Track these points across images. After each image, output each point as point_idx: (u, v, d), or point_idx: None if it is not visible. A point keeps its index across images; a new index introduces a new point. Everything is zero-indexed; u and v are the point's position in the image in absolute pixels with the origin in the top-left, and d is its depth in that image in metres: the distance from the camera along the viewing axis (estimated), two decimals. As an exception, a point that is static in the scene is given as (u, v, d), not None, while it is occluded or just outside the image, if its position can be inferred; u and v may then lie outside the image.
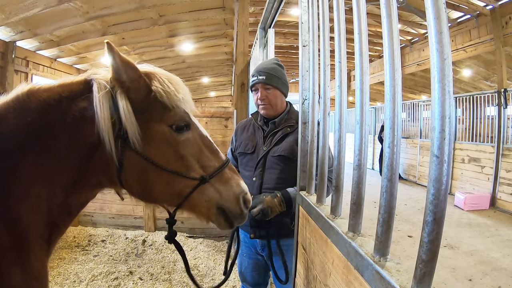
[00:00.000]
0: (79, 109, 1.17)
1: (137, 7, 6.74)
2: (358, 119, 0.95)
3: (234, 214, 1.35)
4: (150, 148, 1.23)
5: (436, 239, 0.63)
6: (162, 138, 1.26)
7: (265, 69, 2.18)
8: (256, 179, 2.18)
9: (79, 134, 1.18)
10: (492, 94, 8.47)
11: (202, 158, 1.33)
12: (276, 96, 2.19)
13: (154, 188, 1.27)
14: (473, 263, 4.77)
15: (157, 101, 1.24)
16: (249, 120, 2.48)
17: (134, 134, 1.19)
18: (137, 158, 1.21)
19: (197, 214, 1.36)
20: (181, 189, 1.27)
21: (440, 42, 0.64)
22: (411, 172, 11.51)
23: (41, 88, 1.19)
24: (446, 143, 0.61)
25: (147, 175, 1.24)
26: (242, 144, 2.34)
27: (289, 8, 10.06)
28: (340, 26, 1.13)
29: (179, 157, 1.27)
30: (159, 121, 1.26)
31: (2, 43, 7.21)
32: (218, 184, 1.33)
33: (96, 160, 1.20)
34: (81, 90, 1.21)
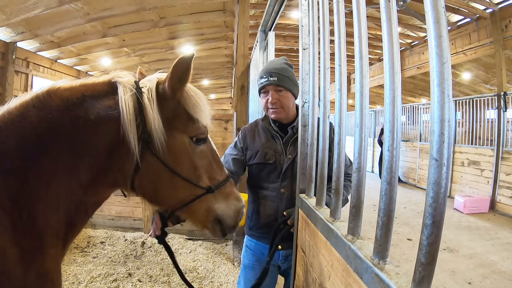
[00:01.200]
0: (104, 107, 1.20)
1: (138, 9, 6.76)
2: (357, 122, 0.95)
3: (229, 226, 1.43)
4: (169, 155, 1.27)
5: (435, 242, 0.63)
6: (182, 147, 1.32)
7: (276, 69, 2.01)
8: (285, 190, 2.02)
9: (101, 132, 1.20)
10: (492, 97, 8.49)
11: (210, 170, 1.40)
12: (288, 99, 2.03)
13: (165, 192, 1.33)
14: (472, 266, 4.77)
15: (185, 112, 1.31)
16: (255, 125, 2.27)
17: (160, 139, 1.23)
18: (156, 162, 1.26)
19: (194, 220, 1.43)
20: (187, 196, 1.33)
21: (440, 46, 0.64)
22: (411, 175, 11.51)
23: (61, 87, 1.21)
24: (445, 147, 0.61)
25: (162, 179, 1.29)
26: (260, 154, 2.12)
27: (289, 11, 10.08)
28: (340, 29, 1.13)
29: (193, 167, 1.34)
30: (182, 131, 1.32)
31: (3, 43, 7.23)
32: (220, 196, 1.40)
33: (115, 159, 1.23)
34: (105, 90, 1.24)
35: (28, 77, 8.31)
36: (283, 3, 2.84)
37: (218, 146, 2.29)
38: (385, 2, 0.81)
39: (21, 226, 1.09)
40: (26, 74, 8.24)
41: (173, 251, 1.63)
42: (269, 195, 2.08)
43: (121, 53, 9.85)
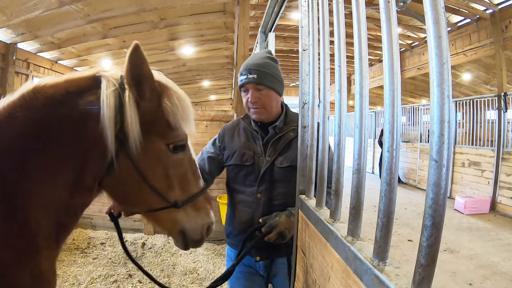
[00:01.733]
0: (85, 103, 1.15)
1: (138, 10, 6.77)
2: (357, 123, 0.95)
3: (193, 239, 1.37)
4: (143, 159, 1.21)
5: (435, 244, 0.63)
6: (157, 154, 1.26)
7: (256, 65, 1.84)
8: (261, 196, 1.87)
9: (84, 129, 1.15)
10: (492, 98, 8.48)
11: (184, 181, 1.34)
12: (270, 98, 1.87)
13: (133, 196, 1.28)
14: (473, 267, 4.76)
15: (163, 117, 1.24)
16: (237, 123, 2.11)
17: (135, 141, 1.17)
18: (129, 164, 1.20)
19: (159, 227, 1.37)
20: (153, 205, 1.27)
21: (439, 46, 0.64)
22: (411, 176, 11.51)
23: (47, 85, 1.17)
24: (445, 148, 0.61)
25: (132, 183, 1.23)
26: (237, 154, 1.95)
27: (289, 12, 10.10)
28: (340, 30, 1.13)
29: (165, 176, 1.28)
30: (159, 137, 1.26)
31: (3, 44, 7.24)
32: (190, 210, 1.34)
33: (95, 155, 1.18)
34: (88, 85, 1.18)
35: (29, 78, 8.32)
36: (283, 4, 2.84)
37: None
38: (384, 3, 0.81)
39: (15, 228, 1.07)
40: (26, 75, 8.25)
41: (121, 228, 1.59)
42: (245, 200, 1.93)
43: (121, 54, 9.85)
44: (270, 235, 1.66)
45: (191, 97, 18.87)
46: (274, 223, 1.68)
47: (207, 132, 5.61)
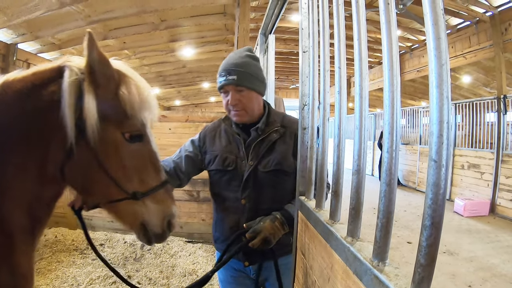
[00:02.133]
0: (49, 93, 1.17)
1: (139, 12, 6.77)
2: (357, 125, 0.95)
3: (155, 233, 1.36)
4: (101, 148, 1.21)
5: (434, 244, 0.63)
6: (113, 143, 1.25)
7: (235, 65, 1.76)
8: (246, 201, 1.79)
9: (47, 118, 1.17)
10: (492, 101, 8.49)
11: (144, 173, 1.33)
12: (251, 99, 1.78)
13: (92, 185, 1.27)
14: (472, 269, 4.76)
15: (120, 105, 1.24)
16: (218, 124, 2.00)
17: (92, 128, 1.17)
18: (87, 152, 1.20)
19: (120, 221, 1.36)
20: (112, 196, 1.27)
21: (438, 48, 0.65)
22: (411, 179, 11.51)
23: (16, 79, 1.19)
24: (444, 148, 0.62)
25: (90, 172, 1.23)
26: (218, 159, 1.86)
27: (289, 14, 10.12)
28: (340, 32, 1.13)
29: (122, 166, 1.27)
30: (116, 126, 1.25)
31: (4, 45, 7.23)
32: (150, 203, 1.32)
33: (54, 146, 1.19)
34: (53, 76, 1.20)
35: (29, 79, 8.32)
36: (284, 6, 2.85)
37: None
38: (384, 5, 0.81)
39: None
40: (26, 76, 8.25)
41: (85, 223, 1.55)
42: (230, 206, 1.86)
43: (121, 56, 9.86)
44: (254, 241, 1.61)
45: (191, 98, 18.92)
46: (258, 228, 1.63)
47: (207, 134, 5.61)
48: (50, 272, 4.17)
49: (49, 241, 5.18)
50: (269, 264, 1.78)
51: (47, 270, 4.22)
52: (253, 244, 1.61)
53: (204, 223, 5.69)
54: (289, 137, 1.82)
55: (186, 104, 23.91)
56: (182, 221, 5.71)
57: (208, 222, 5.68)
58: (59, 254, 4.72)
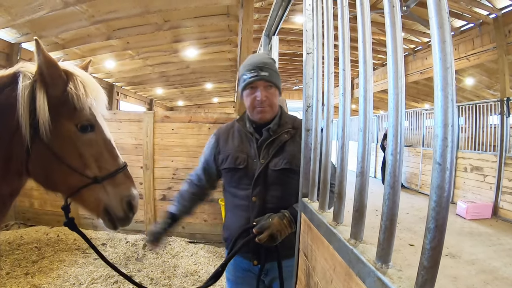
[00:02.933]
0: (6, 97, 1.28)
1: (142, 12, 6.80)
2: (361, 127, 0.95)
3: (117, 216, 1.46)
4: (56, 141, 1.33)
5: (438, 246, 0.63)
6: (68, 135, 1.37)
7: (265, 64, 1.82)
8: (256, 199, 1.83)
9: (5, 121, 1.28)
10: (495, 103, 8.47)
11: (100, 159, 1.43)
12: (276, 97, 1.87)
13: (54, 177, 1.38)
14: (474, 272, 4.74)
15: (69, 100, 1.37)
16: (231, 125, 2.08)
17: (44, 125, 1.29)
18: (43, 148, 1.31)
19: (87, 208, 1.46)
20: (75, 183, 1.38)
21: (443, 51, 0.65)
22: (413, 181, 11.48)
23: None
24: (449, 151, 0.62)
25: (50, 165, 1.35)
26: (231, 158, 1.92)
27: (293, 15, 10.12)
28: (345, 34, 1.14)
29: (79, 155, 1.38)
30: (68, 119, 1.37)
31: (7, 44, 7.26)
32: (109, 187, 1.43)
33: (14, 145, 1.31)
34: (9, 81, 1.32)
35: (32, 78, 8.35)
36: (287, 7, 2.85)
37: None
38: (389, 8, 0.81)
39: None
40: (30, 76, 8.28)
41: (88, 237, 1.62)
42: (241, 204, 1.90)
43: (125, 56, 9.89)
44: (260, 236, 1.64)
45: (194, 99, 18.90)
46: (266, 224, 1.66)
47: (210, 135, 5.58)
48: (52, 271, 4.18)
49: (51, 240, 5.20)
50: (271, 265, 1.81)
51: (49, 269, 4.23)
52: (259, 239, 1.64)
53: (206, 223, 5.70)
54: (299, 138, 1.80)
55: (189, 105, 23.94)
56: (184, 221, 5.72)
57: (210, 223, 5.68)
58: (61, 253, 4.73)
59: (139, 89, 16.22)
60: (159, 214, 5.75)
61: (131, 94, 16.17)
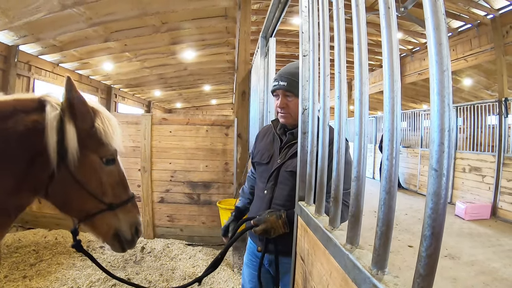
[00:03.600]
0: (32, 121, 1.36)
1: (140, 14, 6.79)
2: (357, 131, 0.94)
3: (126, 239, 1.61)
4: (80, 170, 1.45)
5: (434, 254, 0.62)
6: (92, 165, 1.50)
7: (288, 73, 1.99)
8: (267, 192, 2.05)
9: (28, 142, 1.36)
10: (493, 103, 8.47)
11: (116, 188, 1.59)
12: (296, 105, 1.92)
13: (72, 202, 1.49)
14: (473, 273, 4.73)
15: (96, 135, 1.50)
16: (270, 126, 2.29)
17: (73, 155, 1.40)
18: (67, 174, 1.42)
19: (96, 232, 1.59)
20: (92, 209, 1.50)
21: (440, 54, 0.64)
22: (412, 182, 11.48)
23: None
24: (445, 157, 0.61)
25: (71, 191, 1.45)
26: (259, 153, 2.20)
27: (290, 17, 10.11)
28: (340, 37, 1.13)
29: (99, 183, 1.52)
30: (93, 151, 1.50)
31: (5, 47, 7.25)
32: (121, 214, 1.58)
33: (36, 167, 1.39)
34: (34, 106, 1.40)
35: (30, 80, 8.33)
36: (284, 9, 2.85)
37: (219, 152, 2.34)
38: (385, 9, 0.80)
39: None
40: (28, 78, 8.26)
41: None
42: (257, 194, 2.17)
43: (123, 58, 9.88)
44: (256, 228, 1.83)
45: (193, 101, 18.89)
46: (263, 219, 1.83)
47: (207, 137, 5.61)
48: (50, 274, 4.15)
49: (49, 243, 5.17)
50: (282, 260, 1.95)
51: (47, 272, 4.21)
52: (255, 230, 1.84)
53: (204, 226, 5.68)
54: None
55: (187, 107, 23.93)
56: (182, 224, 5.71)
57: (208, 225, 5.67)
58: (59, 256, 4.70)
59: (137, 91, 16.20)
60: (157, 217, 5.74)
61: (129, 96, 16.16)
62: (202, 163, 5.62)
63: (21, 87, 8.04)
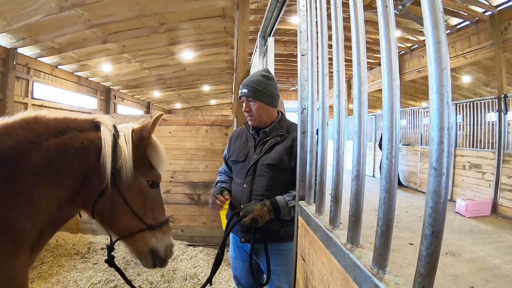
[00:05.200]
0: (87, 140, 1.47)
1: (138, 15, 6.78)
2: (356, 130, 0.94)
3: (160, 258, 1.69)
4: (129, 190, 1.55)
5: (434, 253, 0.62)
6: (140, 187, 1.62)
7: (250, 82, 2.27)
8: (246, 186, 2.26)
9: (82, 159, 1.45)
10: (492, 100, 8.45)
11: (156, 211, 1.70)
12: (259, 108, 2.27)
13: (117, 219, 1.59)
14: (474, 270, 4.73)
15: (147, 160, 1.65)
16: (243, 129, 2.55)
17: (127, 176, 1.52)
18: (116, 193, 1.52)
19: (132, 248, 1.67)
20: (134, 228, 1.60)
21: (438, 52, 0.64)
22: (412, 179, 11.47)
23: (47, 116, 1.46)
24: (445, 155, 0.60)
25: (117, 209, 1.55)
26: (235, 153, 2.42)
27: (289, 16, 10.11)
28: (338, 36, 1.12)
29: (144, 205, 1.63)
30: (143, 174, 1.63)
31: (4, 49, 7.24)
32: (159, 234, 1.68)
33: (88, 183, 1.48)
34: (88, 126, 1.52)
35: (29, 83, 8.33)
36: (282, 8, 2.85)
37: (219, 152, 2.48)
38: (382, 7, 0.80)
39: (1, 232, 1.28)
40: (26, 80, 8.25)
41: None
42: (237, 189, 2.34)
43: (121, 59, 9.87)
44: (245, 219, 2.02)
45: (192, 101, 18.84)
46: (249, 209, 2.03)
47: (207, 137, 5.60)
48: (51, 277, 4.15)
49: (50, 245, 5.17)
50: (259, 246, 2.21)
51: (48, 274, 4.20)
52: (244, 221, 2.03)
53: (205, 226, 5.68)
54: (290, 140, 2.23)
55: (187, 107, 23.90)
56: (183, 224, 5.70)
57: (209, 226, 5.66)
58: (60, 258, 4.70)
59: (136, 92, 16.19)
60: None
61: (128, 97, 16.15)
62: (202, 163, 5.61)
63: (20, 90, 8.03)
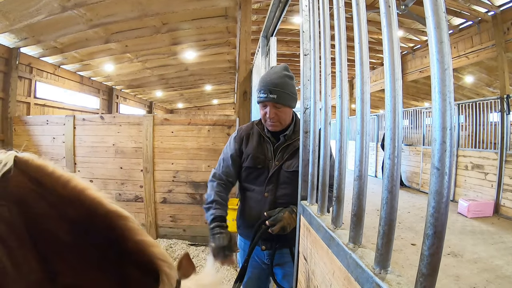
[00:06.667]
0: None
1: (140, 15, 6.79)
2: (358, 130, 0.94)
3: None
4: None
5: (436, 253, 0.62)
6: None
7: (275, 85, 1.99)
8: (268, 194, 2.10)
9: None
10: (495, 100, 8.43)
11: None
12: (286, 113, 2.08)
13: None
14: (476, 271, 4.72)
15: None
16: (251, 127, 2.31)
17: None
18: None
19: None
20: None
21: (441, 52, 0.64)
22: (414, 180, 11.46)
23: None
24: (447, 155, 0.60)
25: None
26: (251, 158, 2.17)
27: (291, 16, 10.11)
28: (341, 36, 1.12)
29: None
30: None
31: (6, 49, 7.26)
32: None
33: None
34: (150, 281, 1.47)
35: (31, 82, 8.33)
36: (285, 8, 2.85)
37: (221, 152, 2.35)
38: (385, 8, 0.80)
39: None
40: (29, 80, 8.26)
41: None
42: (255, 198, 2.18)
43: (124, 59, 9.88)
44: (274, 228, 1.90)
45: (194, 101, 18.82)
46: (279, 218, 1.91)
47: (209, 137, 5.61)
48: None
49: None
50: (282, 251, 2.12)
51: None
52: (273, 230, 1.91)
53: (207, 226, 5.67)
54: None
55: (189, 107, 23.92)
56: (185, 224, 5.71)
57: (211, 225, 5.66)
58: None
59: (138, 92, 16.21)
60: (160, 217, 5.74)
61: (130, 97, 16.17)
62: (204, 163, 5.62)
63: (22, 90, 8.05)
